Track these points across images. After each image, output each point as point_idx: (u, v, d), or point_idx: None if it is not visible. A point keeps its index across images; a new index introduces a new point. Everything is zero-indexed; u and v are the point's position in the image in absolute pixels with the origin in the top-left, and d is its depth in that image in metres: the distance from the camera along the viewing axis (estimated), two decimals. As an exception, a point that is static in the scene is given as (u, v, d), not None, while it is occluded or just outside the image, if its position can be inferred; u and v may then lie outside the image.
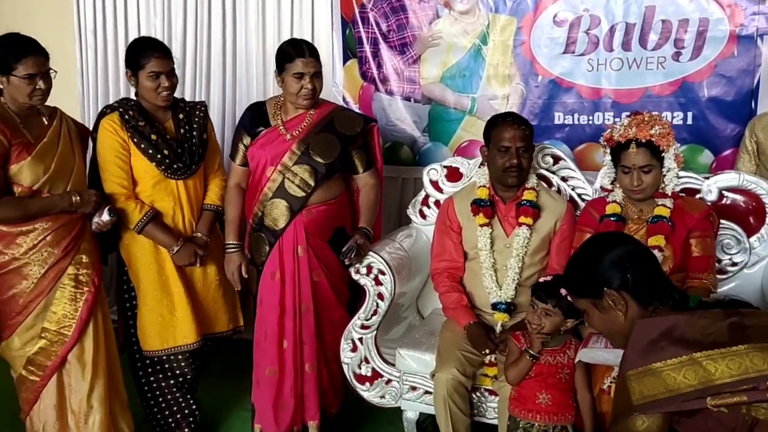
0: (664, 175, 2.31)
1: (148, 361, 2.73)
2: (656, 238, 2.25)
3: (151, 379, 2.74)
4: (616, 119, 3.15)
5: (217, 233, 2.83)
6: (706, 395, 1.29)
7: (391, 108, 3.52)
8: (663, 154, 2.27)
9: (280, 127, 2.61)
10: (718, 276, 2.43)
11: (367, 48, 3.52)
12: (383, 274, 2.58)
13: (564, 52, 3.20)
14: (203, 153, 2.73)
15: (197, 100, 3.88)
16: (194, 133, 2.71)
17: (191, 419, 2.82)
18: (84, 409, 2.44)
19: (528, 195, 2.50)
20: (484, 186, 2.57)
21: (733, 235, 2.54)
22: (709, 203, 2.49)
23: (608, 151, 2.36)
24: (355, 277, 2.60)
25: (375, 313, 2.62)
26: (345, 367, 2.68)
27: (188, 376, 2.78)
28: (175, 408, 2.80)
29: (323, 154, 2.56)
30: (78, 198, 2.38)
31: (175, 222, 2.67)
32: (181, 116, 2.71)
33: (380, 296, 2.60)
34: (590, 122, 3.22)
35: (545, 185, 2.66)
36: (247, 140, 2.65)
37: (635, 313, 1.52)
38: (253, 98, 3.83)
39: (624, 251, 1.56)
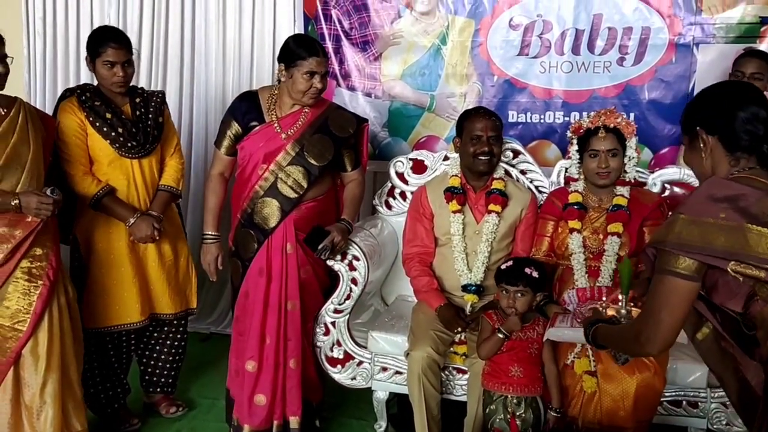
0: (626, 163, 2.52)
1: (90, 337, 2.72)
2: (615, 225, 2.46)
3: (92, 354, 2.73)
4: (566, 118, 3.39)
5: (172, 215, 2.87)
6: (732, 259, 1.40)
7: (353, 104, 3.62)
8: (627, 142, 2.49)
9: (275, 125, 2.61)
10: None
11: (330, 44, 3.61)
12: (357, 259, 2.69)
13: (518, 54, 3.41)
14: (159, 135, 2.78)
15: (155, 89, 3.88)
16: (150, 115, 2.76)
17: (121, 398, 2.88)
18: (36, 404, 2.37)
19: (497, 184, 2.67)
20: (456, 175, 2.72)
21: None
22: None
23: (575, 141, 2.55)
24: (330, 263, 2.68)
25: (348, 297, 2.71)
26: (317, 350, 2.76)
27: (125, 356, 2.85)
28: (108, 384, 2.82)
29: (318, 157, 2.61)
30: (17, 202, 2.29)
31: (130, 200, 2.70)
32: (137, 100, 2.77)
33: (354, 281, 2.70)
34: (542, 121, 3.44)
35: (512, 176, 2.84)
36: (236, 130, 2.65)
37: (719, 158, 1.56)
38: (212, 91, 3.87)
39: (737, 103, 1.55)
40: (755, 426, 1.57)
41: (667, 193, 2.82)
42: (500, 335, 2.31)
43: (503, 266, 2.39)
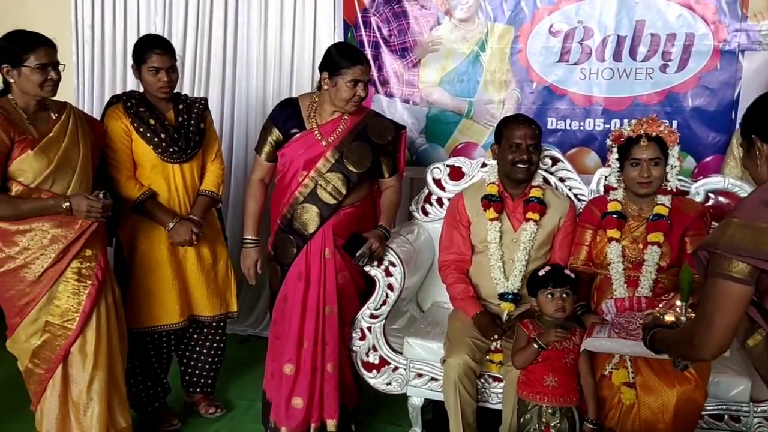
0: (668, 172, 2.48)
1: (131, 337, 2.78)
2: (655, 235, 2.42)
3: (133, 353, 2.78)
4: (606, 125, 3.35)
5: (212, 220, 2.94)
6: None
7: (391, 110, 3.63)
8: (669, 151, 2.45)
9: (316, 132, 2.65)
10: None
11: (368, 51, 3.63)
12: (394, 265, 2.70)
13: (558, 61, 3.38)
14: (200, 141, 2.85)
15: (198, 96, 3.96)
16: (192, 122, 2.83)
17: (162, 397, 2.95)
18: (83, 401, 2.44)
19: (535, 192, 2.66)
20: (493, 183, 2.71)
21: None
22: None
23: (615, 149, 2.52)
24: (367, 268, 2.70)
25: (384, 303, 2.73)
26: (353, 355, 2.79)
27: (165, 356, 2.92)
28: (149, 384, 2.89)
29: (357, 164, 2.64)
30: (68, 204, 2.35)
31: (171, 204, 2.77)
32: (181, 107, 2.85)
33: (390, 287, 2.72)
34: (581, 128, 3.40)
35: (550, 184, 2.82)
36: (276, 136, 2.69)
37: None
38: (252, 98, 3.93)
39: None
40: None
41: (710, 202, 2.76)
42: (535, 346, 2.30)
43: (541, 272, 2.38)
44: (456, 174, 3.07)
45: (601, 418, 2.31)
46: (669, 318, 1.88)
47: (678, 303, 1.94)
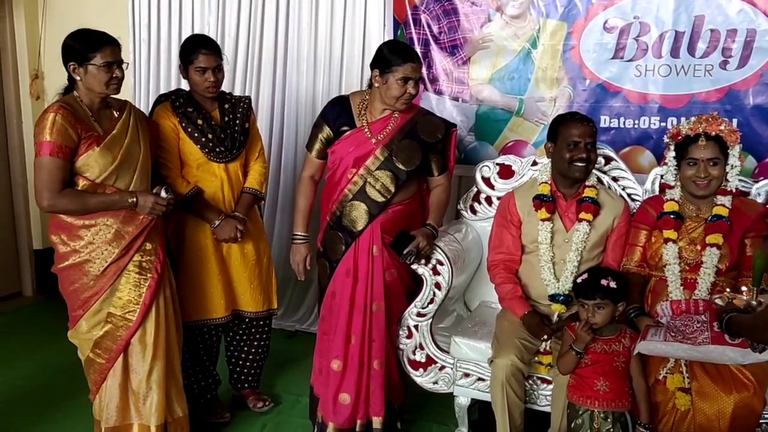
0: (727, 172, 2.40)
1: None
2: (714, 237, 2.34)
3: (183, 346, 2.79)
4: (662, 124, 3.26)
5: (255, 217, 2.97)
6: None
7: (440, 108, 3.61)
8: (729, 150, 2.37)
9: (366, 130, 2.65)
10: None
11: (418, 49, 3.61)
12: (441, 264, 2.69)
13: (613, 58, 3.30)
14: (245, 140, 2.89)
15: (247, 94, 4.01)
16: (237, 121, 2.87)
17: (213, 389, 2.99)
18: (143, 390, 2.50)
19: (589, 192, 2.60)
20: (545, 182, 2.67)
21: (781, 237, 2.62)
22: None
23: (672, 147, 2.45)
24: (414, 266, 2.70)
25: (431, 301, 2.72)
26: (400, 353, 2.78)
27: (213, 349, 2.96)
28: (200, 376, 2.94)
29: (406, 162, 2.64)
30: (134, 200, 2.41)
31: (216, 202, 2.82)
32: (226, 106, 2.88)
33: (437, 285, 2.70)
34: (636, 126, 3.32)
35: (603, 184, 2.76)
36: (327, 134, 2.71)
37: None
38: (302, 96, 3.97)
39: None
40: None
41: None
42: (573, 352, 2.26)
43: (579, 279, 2.32)
44: (506, 172, 3.03)
45: (654, 423, 2.25)
46: (738, 302, 1.84)
47: (744, 288, 1.89)
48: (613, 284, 2.23)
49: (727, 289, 2.03)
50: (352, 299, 2.66)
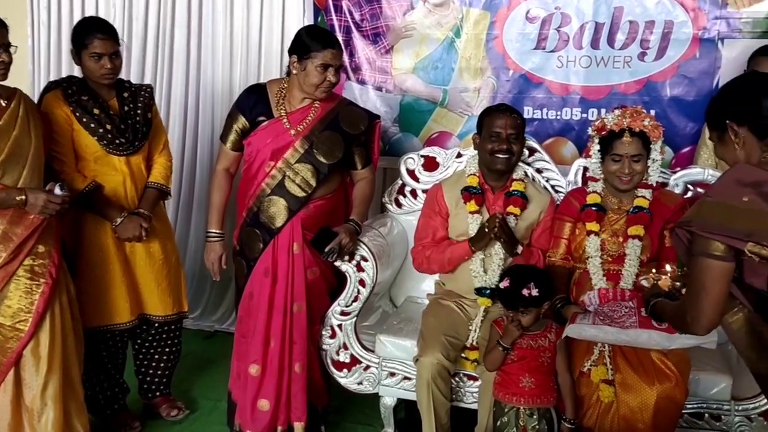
0: (649, 166, 2.40)
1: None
2: (636, 228, 2.34)
3: (85, 354, 2.61)
4: (584, 115, 3.27)
5: (161, 213, 2.80)
6: (749, 239, 1.44)
7: (363, 98, 3.50)
8: (651, 146, 2.37)
9: (284, 120, 2.53)
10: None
11: (340, 36, 3.49)
12: (365, 260, 2.59)
13: (535, 48, 3.29)
14: (147, 132, 2.70)
15: (159, 83, 3.81)
16: (138, 111, 2.67)
17: (120, 399, 2.81)
18: (37, 406, 2.30)
19: (517, 185, 2.56)
20: (474, 174, 2.61)
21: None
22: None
23: (597, 141, 2.43)
24: (337, 263, 2.59)
25: (356, 299, 2.62)
26: (323, 353, 2.68)
27: (119, 356, 2.77)
28: (105, 385, 2.75)
29: (327, 154, 2.52)
30: (24, 198, 2.20)
31: (118, 198, 2.62)
32: (125, 95, 2.68)
33: (362, 282, 2.61)
34: (558, 117, 3.31)
35: (528, 176, 2.73)
36: (242, 124, 2.56)
37: (751, 147, 1.59)
38: (218, 84, 3.78)
39: (760, 88, 1.60)
40: None
41: (689, 194, 2.70)
42: (500, 348, 2.21)
43: (501, 285, 2.25)
44: (430, 164, 2.96)
45: (579, 417, 2.24)
46: (663, 284, 1.88)
47: (668, 267, 1.96)
48: (535, 292, 2.16)
49: (653, 270, 2.05)
50: (271, 300, 2.53)
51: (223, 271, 2.71)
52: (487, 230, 2.42)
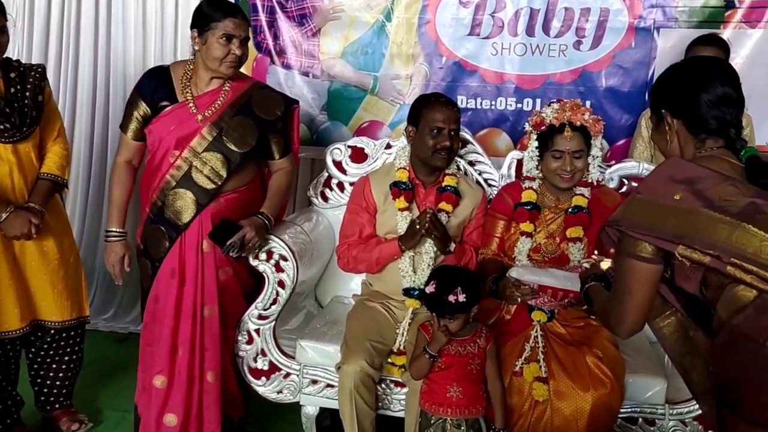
0: (589, 163, 2.29)
1: None
2: (575, 230, 2.22)
3: None
4: (519, 105, 3.15)
5: (57, 208, 2.54)
6: (679, 242, 1.35)
7: (288, 83, 3.31)
8: (592, 141, 2.25)
9: (190, 104, 2.30)
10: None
11: (263, 17, 3.29)
12: (285, 260, 2.39)
13: (469, 34, 3.15)
14: (38, 116, 2.43)
15: (66, 62, 3.50)
16: (27, 94, 2.40)
17: (14, 413, 2.55)
18: None
19: (449, 180, 2.40)
20: (403, 168, 2.44)
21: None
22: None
23: (535, 136, 2.29)
24: (254, 263, 2.38)
25: (275, 302, 2.42)
26: (239, 360, 2.47)
27: (10, 366, 2.51)
28: None
29: (238, 142, 2.31)
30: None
31: (4, 191, 2.36)
32: (12, 75, 2.41)
33: (281, 284, 2.40)
34: (492, 107, 3.19)
35: (460, 170, 2.58)
36: (143, 111, 2.33)
37: (684, 141, 1.51)
38: (130, 65, 3.51)
39: (703, 86, 1.48)
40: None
41: (624, 188, 2.61)
42: (426, 356, 2.06)
43: (427, 289, 2.08)
44: (358, 156, 2.78)
45: (509, 427, 2.11)
46: (604, 265, 1.81)
47: (613, 250, 1.80)
48: (462, 298, 2.01)
49: (595, 252, 2.00)
50: (178, 304, 2.31)
51: (125, 276, 2.47)
52: (418, 227, 2.26)
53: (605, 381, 2.07)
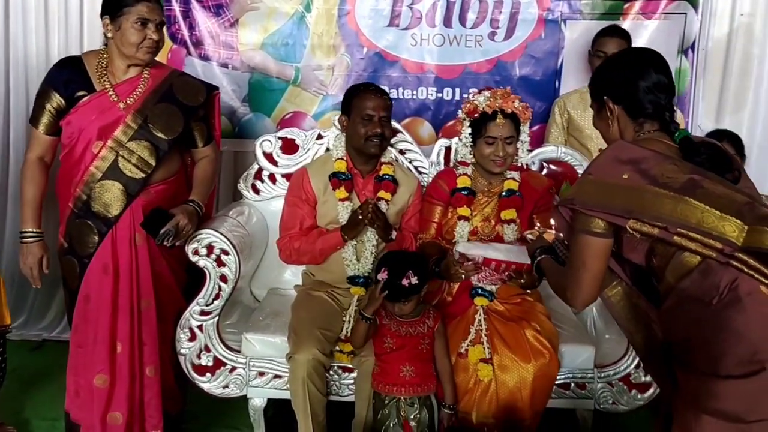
0: (518, 148, 2.42)
1: None
2: (509, 212, 2.35)
3: None
4: (439, 94, 3.26)
5: None
6: (630, 217, 1.47)
7: (206, 75, 3.21)
8: (521, 127, 2.38)
9: (110, 93, 2.23)
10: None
11: (176, 6, 3.21)
12: (226, 254, 2.37)
13: (389, 25, 3.22)
14: None
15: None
16: None
17: None
18: None
19: (386, 169, 2.47)
20: (341, 159, 2.48)
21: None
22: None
23: (468, 123, 2.40)
24: (194, 258, 2.35)
25: (217, 297, 2.39)
26: (182, 358, 2.43)
27: None
28: None
29: (165, 129, 2.26)
30: None
31: None
32: None
33: (223, 278, 2.38)
34: (414, 97, 3.28)
35: (396, 160, 2.65)
36: (58, 103, 2.22)
37: (624, 125, 1.64)
38: (32, 58, 3.32)
39: (641, 74, 1.60)
40: (661, 379, 1.66)
41: (545, 171, 2.78)
42: (363, 320, 2.15)
43: (379, 276, 2.16)
44: (289, 147, 2.78)
45: (457, 402, 2.22)
46: (549, 236, 1.91)
47: (552, 222, 1.94)
48: (414, 280, 2.10)
49: (537, 224, 2.12)
50: (115, 300, 2.26)
51: (47, 274, 2.35)
52: (360, 217, 2.31)
53: (544, 352, 2.23)
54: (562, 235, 1.88)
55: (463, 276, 2.24)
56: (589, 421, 2.48)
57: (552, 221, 1.94)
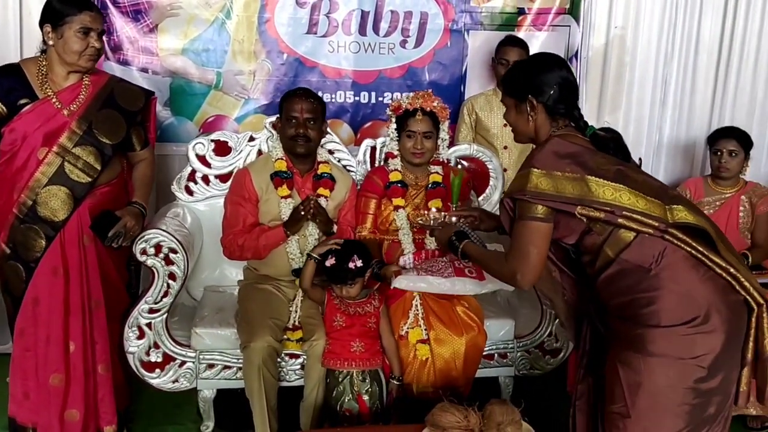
0: (439, 145, 2.69)
1: None
2: (435, 202, 2.60)
3: None
4: (356, 98, 3.48)
5: None
6: (579, 204, 1.69)
7: (126, 80, 3.23)
8: (440, 125, 2.65)
9: (53, 100, 2.27)
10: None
11: (94, 11, 3.18)
12: (175, 252, 2.46)
13: (307, 33, 3.39)
14: None
15: None
16: None
17: None
18: None
19: (324, 168, 2.66)
20: (281, 159, 2.63)
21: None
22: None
23: (394, 119, 2.65)
24: (142, 258, 2.42)
25: (166, 294, 2.48)
26: (130, 357, 2.49)
27: None
28: None
29: (110, 134, 2.33)
30: None
31: None
32: None
33: (172, 276, 2.47)
34: (333, 100, 3.47)
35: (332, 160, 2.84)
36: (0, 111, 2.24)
37: (542, 121, 1.85)
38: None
39: (558, 75, 1.85)
40: (580, 338, 1.96)
41: (459, 167, 3.07)
42: (310, 260, 2.38)
43: (327, 263, 2.35)
44: (222, 149, 2.89)
45: (403, 374, 2.45)
46: (452, 218, 2.22)
47: (432, 206, 2.39)
48: (360, 263, 2.32)
49: (433, 209, 2.40)
50: (66, 301, 2.32)
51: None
52: (303, 213, 2.48)
53: (473, 326, 2.51)
54: (454, 218, 2.21)
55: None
56: (510, 386, 2.79)
57: (432, 206, 2.39)
